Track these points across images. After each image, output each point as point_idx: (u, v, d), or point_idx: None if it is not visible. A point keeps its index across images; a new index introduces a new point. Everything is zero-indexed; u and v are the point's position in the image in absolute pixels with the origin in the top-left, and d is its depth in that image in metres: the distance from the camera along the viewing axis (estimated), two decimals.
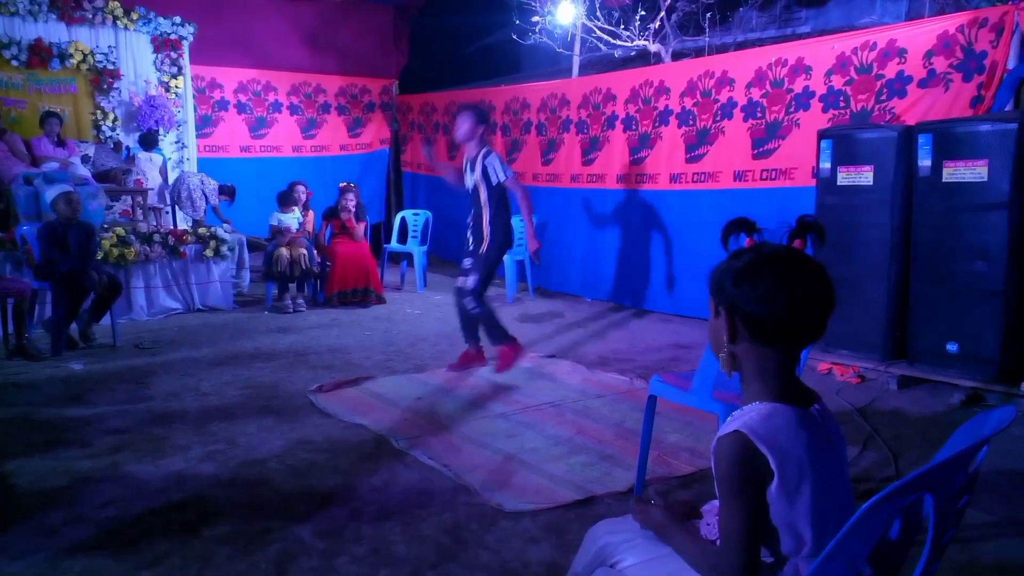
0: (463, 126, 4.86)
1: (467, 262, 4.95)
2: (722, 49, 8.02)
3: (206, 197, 7.79)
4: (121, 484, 3.08)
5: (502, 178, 4.76)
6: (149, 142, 7.94)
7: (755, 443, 1.28)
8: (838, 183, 4.89)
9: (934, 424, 3.95)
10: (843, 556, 1.14)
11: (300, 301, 7.00)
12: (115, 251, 6.26)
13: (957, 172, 4.34)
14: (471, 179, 4.89)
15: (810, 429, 1.33)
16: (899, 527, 1.38)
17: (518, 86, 8.93)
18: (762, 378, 1.37)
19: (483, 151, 4.83)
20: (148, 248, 6.49)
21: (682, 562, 1.42)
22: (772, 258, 1.34)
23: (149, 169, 7.87)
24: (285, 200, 7.22)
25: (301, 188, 7.38)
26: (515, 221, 5.77)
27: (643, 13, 8.15)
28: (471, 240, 4.96)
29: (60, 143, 7.42)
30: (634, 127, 7.16)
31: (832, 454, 1.35)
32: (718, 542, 1.36)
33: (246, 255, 7.65)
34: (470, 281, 4.79)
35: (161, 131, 8.23)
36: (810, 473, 1.29)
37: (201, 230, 6.95)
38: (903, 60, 5.13)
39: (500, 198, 4.83)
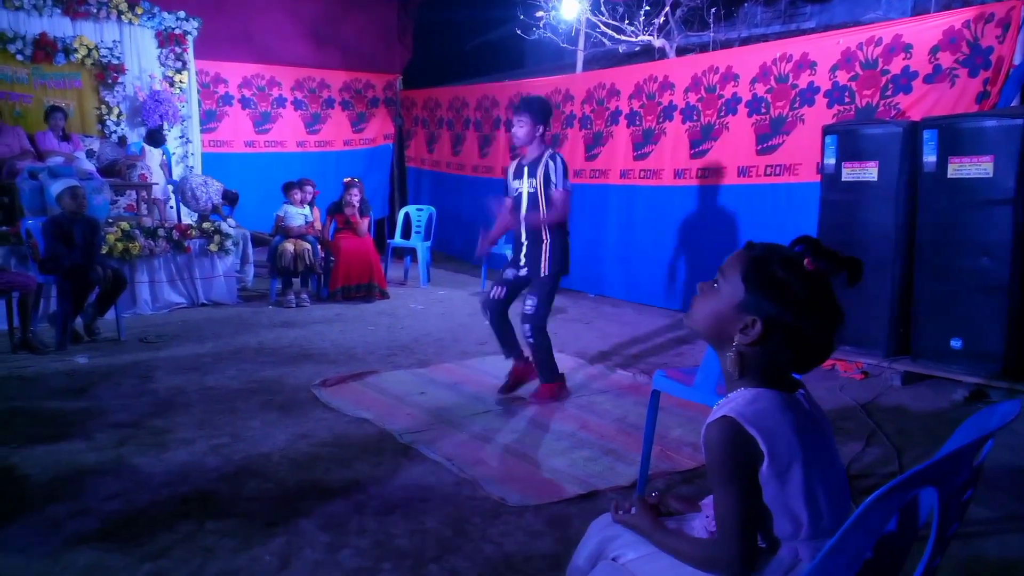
0: (521, 129, 4.17)
1: (510, 273, 4.34)
2: (727, 45, 8.00)
3: (209, 196, 7.79)
4: (125, 477, 3.10)
5: (558, 185, 4.12)
6: (155, 139, 7.94)
7: (743, 425, 1.29)
8: (843, 179, 4.88)
9: (937, 420, 3.95)
10: (848, 549, 1.15)
11: (304, 296, 7.01)
12: (120, 245, 6.27)
13: (962, 168, 4.32)
14: (528, 184, 4.21)
15: (796, 411, 1.35)
16: (898, 522, 1.38)
17: (522, 81, 8.93)
18: (753, 374, 1.39)
19: (547, 152, 4.18)
20: (153, 243, 6.50)
21: None
22: (831, 294, 1.35)
23: (151, 163, 7.87)
24: (288, 189, 7.25)
25: (309, 188, 7.39)
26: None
27: (647, 8, 8.12)
28: (524, 257, 4.28)
29: (65, 138, 7.43)
30: (638, 123, 7.15)
31: (821, 435, 1.37)
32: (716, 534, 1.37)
33: (250, 250, 7.66)
34: (528, 305, 4.21)
35: (165, 126, 8.24)
36: (799, 452, 1.30)
37: (205, 225, 6.96)
38: (908, 56, 5.12)
39: None
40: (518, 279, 4.31)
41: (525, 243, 4.28)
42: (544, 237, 4.20)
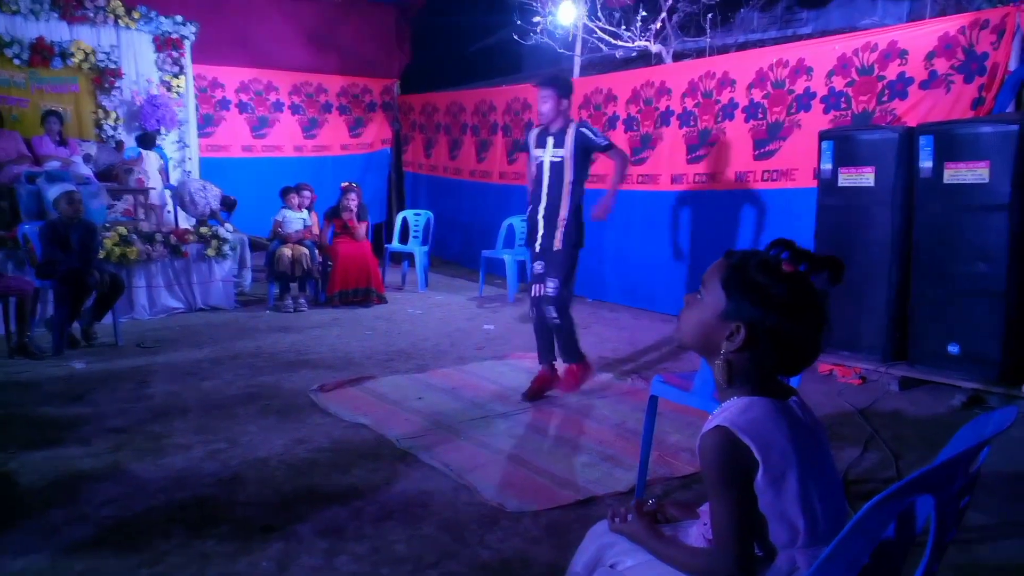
0: (546, 105, 4.21)
1: (539, 266, 4.36)
2: (723, 50, 8.02)
3: (208, 201, 7.79)
4: (122, 483, 3.09)
5: (603, 143, 4.19)
6: (146, 141, 7.94)
7: (737, 435, 1.30)
8: (839, 184, 4.90)
9: (935, 425, 3.96)
10: (845, 556, 1.15)
11: (301, 301, 7.01)
12: (117, 250, 6.26)
13: (958, 174, 4.34)
14: (552, 154, 4.23)
15: (789, 418, 1.36)
16: (895, 529, 1.38)
17: (519, 86, 8.93)
18: (745, 381, 1.40)
19: (573, 123, 4.23)
20: (150, 247, 6.50)
21: None
22: (813, 294, 1.35)
23: (149, 168, 7.87)
24: (286, 193, 7.25)
25: (307, 192, 7.40)
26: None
27: (644, 14, 8.14)
28: (541, 235, 4.30)
29: (62, 142, 7.42)
30: (635, 128, 7.17)
31: (814, 442, 1.37)
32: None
33: (248, 255, 7.66)
34: (550, 287, 4.22)
35: (163, 130, 8.24)
36: (794, 459, 1.31)
37: (203, 229, 6.96)
38: (904, 61, 5.13)
39: (583, 181, 4.28)
40: (547, 266, 4.33)
41: (542, 220, 4.31)
42: (562, 212, 4.24)
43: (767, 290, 1.33)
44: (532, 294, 4.41)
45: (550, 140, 4.25)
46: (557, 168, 4.22)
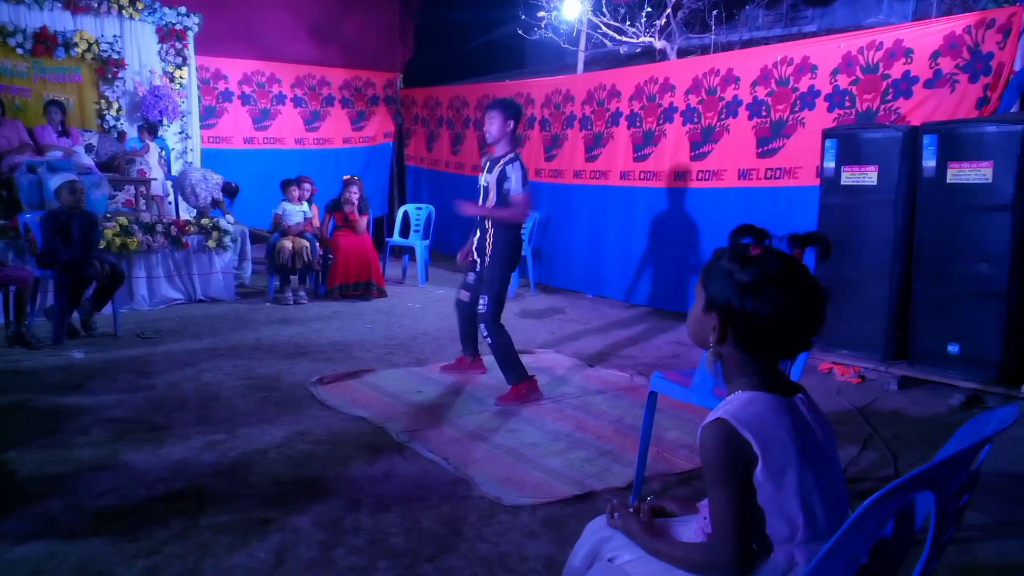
0: (492, 125, 4.34)
1: (470, 276, 4.57)
2: (728, 47, 8.01)
3: (209, 191, 7.78)
4: (121, 472, 3.09)
5: (516, 189, 4.25)
6: (151, 129, 7.93)
7: (737, 428, 1.30)
8: (842, 183, 4.89)
9: (934, 425, 3.95)
10: (845, 552, 1.14)
11: (301, 293, 7.01)
12: (118, 240, 6.26)
13: (961, 173, 4.33)
14: (483, 179, 4.45)
15: (793, 415, 1.36)
16: (894, 527, 1.38)
17: (522, 81, 8.92)
18: (744, 374, 1.40)
19: (509, 156, 4.34)
20: (150, 238, 6.49)
21: None
22: (780, 276, 1.34)
23: (151, 158, 7.86)
24: (287, 186, 7.26)
25: (307, 185, 7.39)
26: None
27: (649, 10, 8.13)
28: (475, 252, 4.49)
29: (64, 132, 7.41)
30: (638, 124, 7.15)
31: (818, 441, 1.37)
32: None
33: (248, 247, 7.64)
34: (481, 304, 4.32)
35: (165, 121, 8.23)
36: (795, 456, 1.31)
37: (204, 221, 6.95)
38: (909, 60, 5.12)
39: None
40: (478, 278, 4.49)
41: (477, 233, 4.50)
42: (488, 227, 4.39)
43: (731, 275, 1.36)
44: (458, 298, 4.65)
45: (486, 166, 4.48)
46: (485, 192, 4.43)
